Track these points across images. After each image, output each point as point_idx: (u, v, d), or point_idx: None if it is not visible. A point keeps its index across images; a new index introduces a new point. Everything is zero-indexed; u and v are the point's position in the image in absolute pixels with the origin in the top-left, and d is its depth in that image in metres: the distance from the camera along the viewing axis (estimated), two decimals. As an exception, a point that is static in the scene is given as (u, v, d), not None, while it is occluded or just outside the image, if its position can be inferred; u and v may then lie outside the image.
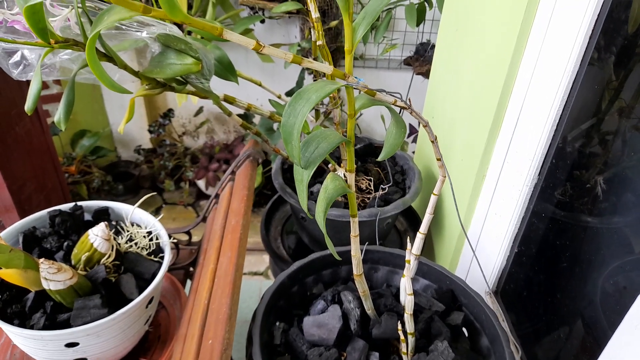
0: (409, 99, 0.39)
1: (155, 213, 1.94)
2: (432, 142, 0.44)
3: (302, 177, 0.38)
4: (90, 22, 0.59)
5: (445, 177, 0.47)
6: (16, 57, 0.62)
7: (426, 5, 1.15)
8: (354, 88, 0.36)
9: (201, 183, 1.93)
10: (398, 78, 1.77)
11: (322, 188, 0.41)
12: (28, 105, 0.54)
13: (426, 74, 1.54)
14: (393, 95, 0.38)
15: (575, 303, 0.64)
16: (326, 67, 0.33)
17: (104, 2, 0.59)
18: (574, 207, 0.66)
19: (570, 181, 0.65)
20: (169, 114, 1.83)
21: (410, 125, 1.73)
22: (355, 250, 0.47)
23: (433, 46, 1.60)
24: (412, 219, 1.01)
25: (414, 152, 1.27)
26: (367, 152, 0.94)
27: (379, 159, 0.41)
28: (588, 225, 0.65)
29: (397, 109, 0.40)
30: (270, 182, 1.70)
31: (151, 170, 1.96)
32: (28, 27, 0.43)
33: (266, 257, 1.68)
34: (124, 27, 0.58)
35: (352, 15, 0.33)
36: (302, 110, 0.34)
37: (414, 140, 1.80)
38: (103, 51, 0.58)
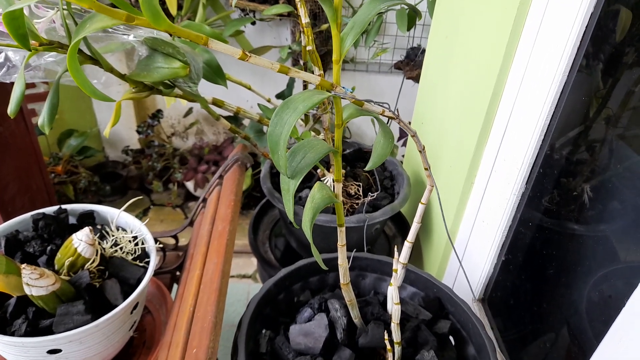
0: (397, 110, 0.39)
1: (143, 214, 1.92)
2: (420, 152, 0.43)
3: (288, 186, 0.37)
4: (75, 24, 0.59)
5: (432, 186, 0.46)
6: (0, 59, 0.61)
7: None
8: (342, 98, 0.36)
9: (190, 184, 1.92)
10: (388, 82, 1.78)
11: (309, 197, 0.40)
12: (11, 109, 0.53)
13: (416, 79, 1.55)
14: (381, 105, 0.38)
15: (561, 311, 0.64)
16: (313, 77, 0.32)
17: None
18: (561, 215, 0.66)
19: (557, 189, 0.66)
20: (157, 114, 1.82)
21: (400, 129, 1.73)
22: (342, 260, 0.46)
23: (423, 51, 1.60)
24: (400, 224, 1.01)
25: (403, 156, 1.27)
26: (356, 157, 0.94)
27: (367, 168, 0.41)
28: (575, 233, 0.66)
29: (385, 119, 0.40)
30: (259, 184, 1.70)
31: (139, 171, 1.94)
32: (11, 30, 0.42)
33: (254, 260, 1.67)
34: (110, 29, 0.57)
35: (341, 26, 0.33)
36: (288, 120, 0.34)
37: (404, 144, 1.80)
38: (89, 54, 0.57)
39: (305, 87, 1.60)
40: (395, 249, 0.50)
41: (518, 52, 0.61)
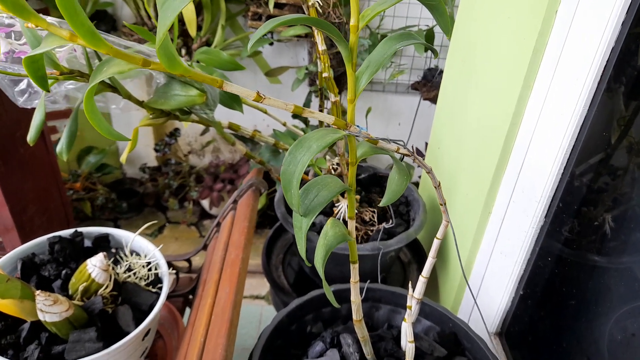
0: (412, 146, 0.38)
1: (159, 232, 1.94)
2: (436, 188, 0.43)
3: (301, 224, 0.37)
4: (96, 53, 0.60)
5: (448, 222, 0.46)
6: (22, 85, 0.62)
7: (434, 33, 1.15)
8: (356, 137, 0.35)
9: (205, 203, 1.93)
10: (405, 102, 1.77)
11: (322, 234, 0.40)
12: (31, 136, 0.54)
13: (434, 100, 1.54)
14: (396, 143, 0.38)
15: (581, 348, 0.62)
16: (328, 117, 0.32)
17: (110, 34, 0.59)
18: (582, 246, 0.64)
19: (578, 220, 0.64)
20: (175, 133, 1.84)
21: (416, 149, 1.72)
22: (355, 296, 0.46)
23: (441, 72, 1.60)
24: (416, 250, 0.99)
25: (420, 177, 1.26)
26: (371, 182, 0.93)
27: (381, 204, 0.40)
28: (596, 266, 0.64)
29: (400, 156, 0.40)
30: (274, 202, 1.70)
31: (156, 189, 1.96)
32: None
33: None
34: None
35: (356, 66, 0.32)
36: (302, 159, 0.33)
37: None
38: (107, 82, 0.58)
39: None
40: (410, 284, 0.49)
41: (537, 80, 0.60)
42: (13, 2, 0.22)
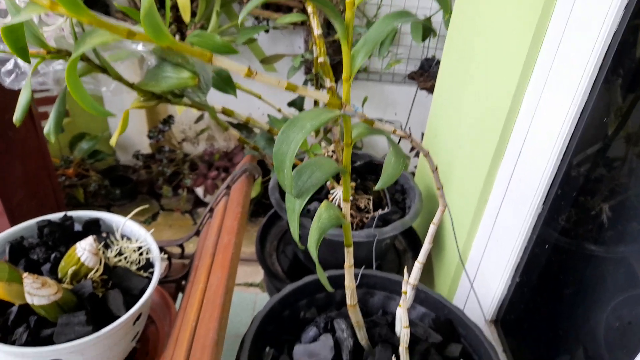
0: (409, 128, 0.37)
1: (152, 219, 1.92)
2: (433, 171, 0.42)
3: (294, 206, 0.36)
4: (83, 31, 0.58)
5: (445, 207, 0.45)
6: (9, 66, 0.60)
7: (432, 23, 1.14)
8: (352, 117, 0.34)
9: (199, 190, 1.91)
10: (402, 92, 1.76)
11: (316, 217, 0.39)
12: (17, 117, 0.52)
13: (430, 89, 1.53)
14: (392, 124, 0.37)
15: (577, 336, 0.62)
16: (322, 95, 0.31)
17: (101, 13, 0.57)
18: (578, 235, 0.64)
19: (575, 209, 0.63)
20: (169, 120, 1.82)
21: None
22: (350, 281, 0.45)
23: (438, 62, 1.59)
24: (411, 238, 0.99)
25: (415, 167, 1.25)
26: (367, 169, 0.92)
27: (376, 188, 0.39)
28: (592, 255, 0.63)
29: (396, 138, 0.39)
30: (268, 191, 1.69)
31: (149, 176, 1.94)
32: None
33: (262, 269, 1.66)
34: (119, 38, 0.56)
35: (352, 43, 0.31)
36: (295, 139, 0.32)
37: (417, 155, 1.78)
38: (97, 62, 0.57)
39: (316, 101, 1.59)
40: (405, 269, 0.48)
41: (536, 69, 0.59)
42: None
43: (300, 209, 0.35)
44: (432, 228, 0.47)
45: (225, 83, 0.68)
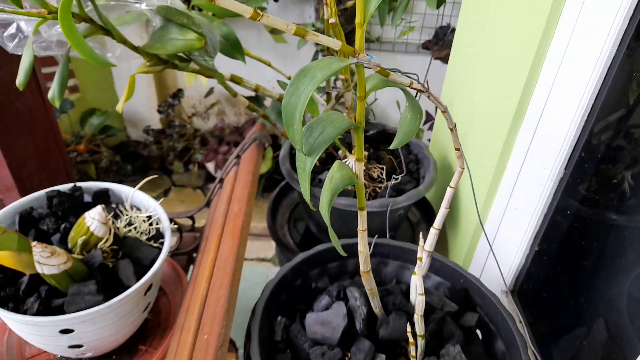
0: (427, 82, 0.35)
1: (164, 195, 1.92)
2: (451, 130, 0.39)
3: (304, 164, 0.34)
4: (88, -7, 0.56)
5: (463, 168, 0.42)
6: (11, 30, 0.58)
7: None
8: (365, 67, 0.32)
9: (210, 166, 1.90)
10: (415, 62, 1.72)
11: (328, 177, 0.37)
12: (20, 80, 0.51)
13: (445, 59, 1.49)
14: (409, 77, 0.34)
15: (598, 307, 0.60)
16: (334, 41, 0.29)
17: (102, -30, 0.55)
18: (599, 205, 0.62)
19: (597, 178, 0.61)
20: (178, 94, 1.80)
21: (426, 112, 1.67)
22: (363, 246, 0.43)
23: (453, 30, 1.54)
24: (425, 209, 0.97)
25: (429, 140, 1.22)
26: (380, 138, 0.90)
27: (392, 147, 0.37)
28: (614, 224, 0.61)
29: (413, 92, 0.36)
30: (280, 167, 1.68)
31: (160, 152, 1.94)
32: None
33: (274, 243, 1.66)
34: (122, -2, 0.54)
35: (366, -18, 0.29)
36: (305, 90, 0.30)
37: (430, 128, 1.75)
38: (100, 24, 0.55)
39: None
40: (421, 235, 0.47)
41: (560, 24, 0.55)
42: None
43: (311, 167, 0.34)
44: (449, 191, 0.45)
45: (233, 47, 0.66)
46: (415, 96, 0.37)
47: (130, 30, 0.65)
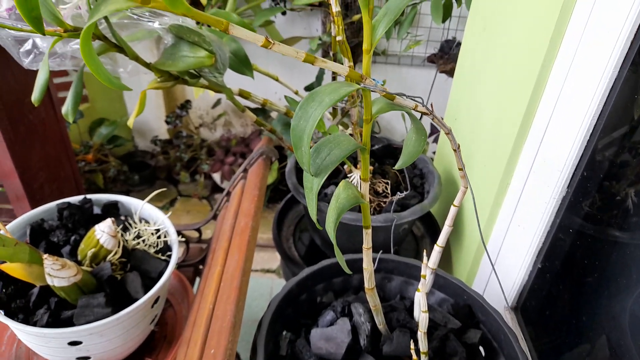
0: (431, 104, 0.36)
1: (170, 205, 1.94)
2: (455, 150, 0.40)
3: (311, 185, 0.35)
4: (101, 12, 0.58)
5: (467, 188, 0.43)
6: (27, 46, 0.60)
7: (454, 1, 1.11)
8: (372, 91, 0.33)
9: (216, 176, 1.92)
10: (421, 75, 1.73)
11: (334, 196, 0.38)
12: (35, 96, 0.52)
13: (450, 73, 1.50)
14: (414, 100, 0.35)
15: (601, 325, 0.60)
16: (341, 67, 0.30)
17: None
18: (603, 222, 0.62)
19: (601, 193, 0.61)
20: (186, 105, 1.82)
21: (431, 124, 1.68)
22: (367, 263, 0.44)
23: (459, 44, 1.55)
24: (430, 224, 0.97)
25: (434, 153, 1.23)
26: (385, 153, 0.91)
27: (396, 167, 0.38)
28: (617, 241, 0.61)
29: (418, 115, 0.37)
30: (285, 177, 1.68)
31: (167, 162, 1.96)
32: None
33: (279, 255, 1.66)
34: (135, 16, 0.56)
35: (373, 12, 0.30)
36: (313, 114, 0.31)
37: (435, 141, 1.76)
38: (114, 41, 0.56)
39: (334, 79, 1.57)
40: (425, 253, 0.47)
41: (563, 45, 0.56)
42: None
43: (318, 188, 0.34)
44: (452, 210, 0.46)
45: (242, 63, 0.67)
46: (420, 118, 0.38)
47: (142, 46, 0.67)
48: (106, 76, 0.27)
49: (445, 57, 1.53)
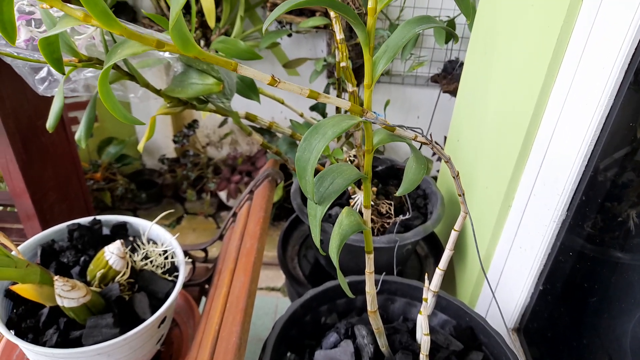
0: (430, 135, 0.37)
1: (177, 223, 1.95)
2: (454, 177, 0.42)
3: (315, 212, 0.36)
4: (114, 41, 0.60)
5: (466, 214, 0.44)
6: (42, 73, 0.63)
7: (455, 24, 1.13)
8: (373, 123, 0.34)
9: (223, 194, 1.94)
10: (424, 95, 1.75)
11: (337, 223, 0.39)
12: (50, 123, 0.54)
13: (453, 92, 1.52)
14: (414, 130, 0.37)
15: (603, 346, 0.60)
16: (344, 103, 0.31)
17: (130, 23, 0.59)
18: (604, 242, 0.63)
19: (601, 215, 0.62)
20: (193, 124, 1.85)
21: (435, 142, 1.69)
22: (370, 287, 0.45)
23: (461, 64, 1.57)
24: (433, 243, 0.98)
25: (438, 171, 1.24)
26: (389, 174, 0.92)
27: (398, 194, 0.40)
28: (619, 262, 0.62)
29: (418, 145, 0.39)
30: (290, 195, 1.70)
31: (174, 180, 1.98)
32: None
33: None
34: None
35: (373, 50, 0.31)
36: (317, 146, 0.33)
37: (439, 159, 1.77)
38: (125, 69, 0.58)
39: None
40: (426, 276, 0.48)
41: (562, 69, 0.58)
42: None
43: (321, 215, 0.36)
44: (453, 234, 0.47)
45: (249, 89, 0.69)
46: (420, 148, 0.39)
47: (152, 72, 0.69)
48: (122, 113, 0.28)
49: (449, 77, 1.55)
